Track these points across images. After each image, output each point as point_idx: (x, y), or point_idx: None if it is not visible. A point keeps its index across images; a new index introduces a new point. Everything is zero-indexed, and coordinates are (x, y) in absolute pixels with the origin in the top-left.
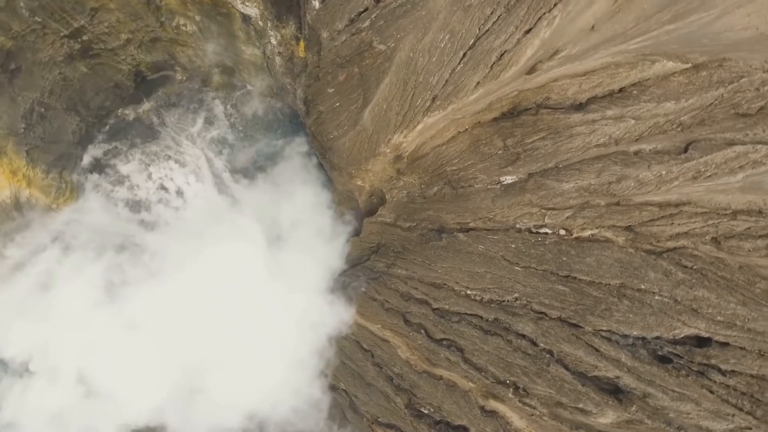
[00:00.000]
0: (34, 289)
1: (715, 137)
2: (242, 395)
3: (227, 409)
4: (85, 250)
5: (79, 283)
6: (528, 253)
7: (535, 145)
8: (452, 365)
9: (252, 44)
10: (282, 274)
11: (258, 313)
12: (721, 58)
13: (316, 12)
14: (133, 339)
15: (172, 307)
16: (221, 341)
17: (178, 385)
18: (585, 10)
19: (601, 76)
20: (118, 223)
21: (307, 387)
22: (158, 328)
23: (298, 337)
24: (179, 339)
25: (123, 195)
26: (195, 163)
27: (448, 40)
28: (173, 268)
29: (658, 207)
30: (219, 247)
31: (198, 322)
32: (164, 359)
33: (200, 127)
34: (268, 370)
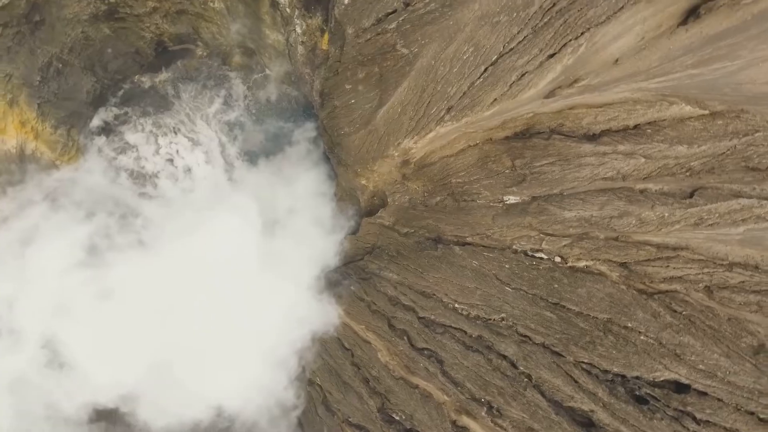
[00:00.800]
0: (13, 244)
1: (722, 187)
2: (215, 387)
3: (197, 399)
4: (76, 210)
5: (61, 242)
6: (521, 276)
7: (543, 169)
8: (430, 376)
9: (277, 30)
10: (273, 262)
11: (244, 300)
12: (740, 109)
13: (345, 7)
14: (109, 310)
15: (155, 282)
16: (201, 326)
17: (150, 366)
18: (611, 43)
19: (617, 110)
20: (117, 189)
21: (282, 390)
22: (137, 302)
23: (282, 331)
24: (158, 317)
25: (127, 162)
26: (206, 142)
27: (471, 53)
28: (164, 240)
29: (656, 248)
30: (214, 226)
31: (180, 301)
32: (139, 337)
33: (217, 108)
34: (246, 363)
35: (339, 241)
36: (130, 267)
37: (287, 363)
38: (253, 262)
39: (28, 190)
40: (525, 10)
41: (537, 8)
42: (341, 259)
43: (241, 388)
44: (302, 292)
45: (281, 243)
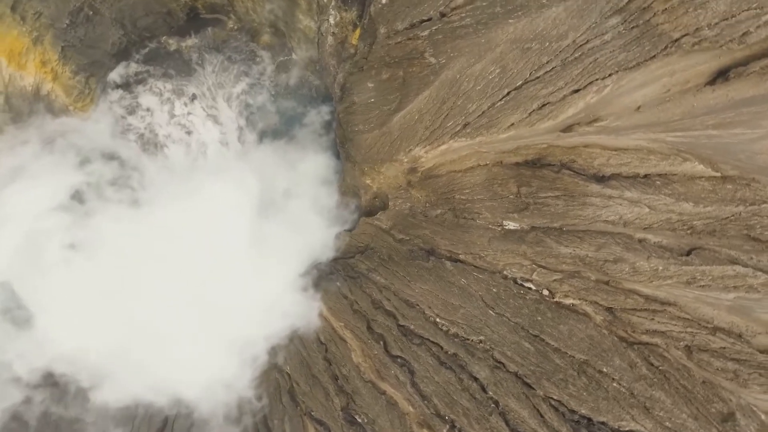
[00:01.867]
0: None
1: (720, 251)
2: (177, 372)
3: (155, 381)
4: (73, 156)
5: (47, 183)
6: (506, 302)
7: (547, 201)
8: (399, 384)
9: (310, 16)
10: (264, 245)
11: (225, 281)
12: (751, 177)
13: (382, 6)
14: (80, 266)
15: (135, 245)
16: (176, 302)
17: (113, 336)
18: (636, 90)
19: (631, 156)
20: (121, 145)
21: (245, 390)
22: (112, 262)
23: (259, 323)
24: (131, 284)
25: (137, 120)
26: (220, 114)
27: (497, 74)
28: (156, 204)
29: (644, 299)
30: (211, 196)
31: (158, 271)
32: (106, 302)
33: (239, 86)
34: (214, 353)
35: (335, 235)
36: (114, 224)
37: (257, 359)
38: (243, 241)
39: (29, 130)
40: (558, 42)
41: (570, 42)
42: (333, 253)
43: (204, 379)
44: (288, 283)
45: (276, 226)
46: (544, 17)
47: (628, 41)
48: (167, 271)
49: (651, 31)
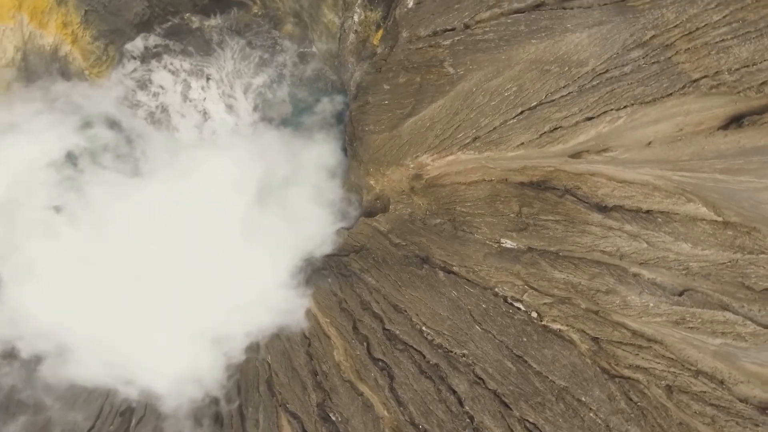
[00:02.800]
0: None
1: (712, 295)
2: (149, 361)
3: (126, 369)
4: (75, 118)
5: (42, 138)
6: (494, 319)
7: (547, 224)
8: (378, 387)
9: (335, 11)
10: (259, 232)
11: (213, 267)
12: (752, 226)
13: (407, 11)
14: (61, 232)
15: (124, 219)
16: (158, 285)
17: (86, 315)
18: (649, 125)
19: (636, 190)
20: (128, 116)
21: (215, 389)
22: (97, 234)
23: (243, 317)
24: (113, 260)
25: (149, 96)
26: (233, 97)
27: (513, 92)
28: (153, 177)
29: (631, 333)
30: (209, 179)
31: (143, 250)
32: (83, 276)
33: (258, 75)
34: (190, 343)
35: (334, 231)
36: (104, 192)
37: (233, 356)
38: (236, 227)
39: (38, 90)
40: (577, 68)
41: (589, 69)
42: (329, 249)
43: (175, 371)
44: (278, 276)
45: (273, 215)
46: (566, 41)
47: (647, 76)
48: (153, 250)
49: (671, 69)
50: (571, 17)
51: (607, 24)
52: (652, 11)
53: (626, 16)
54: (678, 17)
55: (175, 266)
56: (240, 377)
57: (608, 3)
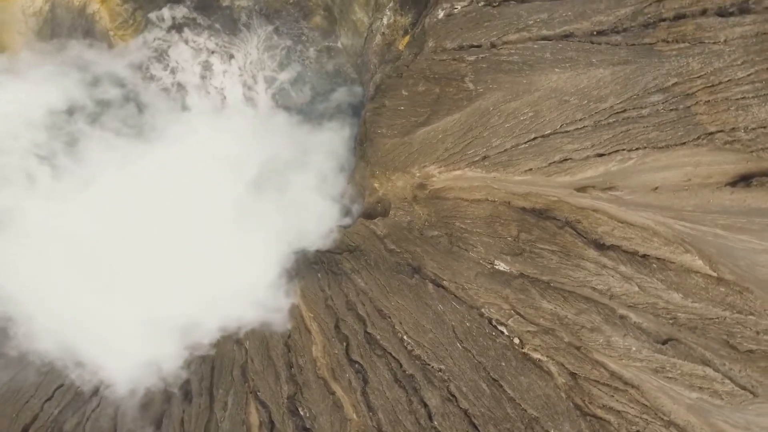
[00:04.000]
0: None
1: (696, 349)
2: (106, 341)
3: (85, 350)
4: (86, 74)
5: (48, 86)
6: (476, 339)
7: (542, 253)
8: (350, 389)
9: (366, 11)
10: (252, 218)
11: (200, 249)
12: (745, 286)
13: (437, 21)
14: (45, 185)
15: (112, 182)
16: (134, 257)
17: (55, 282)
18: (658, 170)
19: (636, 232)
20: (142, 84)
21: (173, 381)
22: (83, 194)
23: (224, 310)
24: (95, 225)
25: (168, 66)
26: (253, 81)
27: (529, 117)
28: (153, 143)
29: (609, 374)
30: (212, 154)
31: (128, 219)
32: (59, 239)
33: (284, 70)
34: (159, 329)
35: (331, 227)
36: (99, 150)
37: (198, 347)
38: (230, 207)
39: (55, 44)
40: (596, 103)
41: (608, 106)
42: (323, 244)
43: (136, 358)
44: (267, 267)
45: (272, 201)
46: (589, 75)
47: (664, 122)
48: (135, 221)
49: (688, 118)
50: (597, 52)
51: (632, 64)
52: (678, 59)
53: (652, 60)
54: (703, 68)
55: (156, 243)
56: (215, 357)
57: (636, 44)
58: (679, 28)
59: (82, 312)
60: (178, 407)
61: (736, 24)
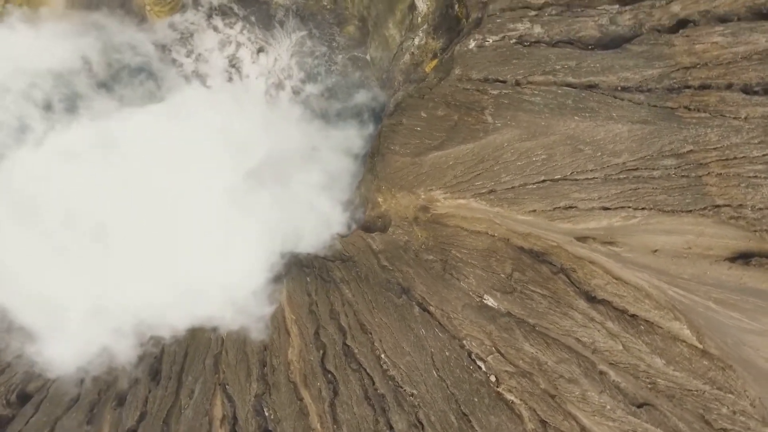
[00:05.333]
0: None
1: (670, 418)
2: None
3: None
4: (105, 40)
5: (65, 44)
6: (452, 370)
7: (533, 295)
8: (319, 399)
9: (399, 29)
10: (247, 210)
11: (182, 233)
12: (729, 364)
13: (467, 50)
14: (37, 127)
15: (113, 147)
16: (109, 229)
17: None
18: (660, 234)
19: (628, 291)
20: (162, 59)
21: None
22: (77, 154)
23: (196, 301)
24: (82, 191)
25: (193, 49)
26: (277, 75)
27: (542, 159)
28: (162, 115)
29: (580, 428)
30: (215, 132)
31: (111, 185)
32: (44, 194)
33: (309, 79)
34: (113, 315)
35: (329, 232)
36: (105, 111)
37: (153, 343)
38: (226, 194)
39: (85, 7)
40: (609, 157)
41: (621, 162)
42: (318, 249)
43: (87, 341)
44: (254, 266)
45: (272, 194)
46: (607, 128)
47: (674, 187)
48: (121, 191)
49: (698, 188)
50: (618, 107)
51: (651, 125)
52: (696, 127)
53: (671, 124)
54: (720, 141)
55: (139, 219)
56: (190, 342)
57: (658, 106)
58: (702, 98)
59: (41, 283)
60: (145, 387)
61: (758, 104)
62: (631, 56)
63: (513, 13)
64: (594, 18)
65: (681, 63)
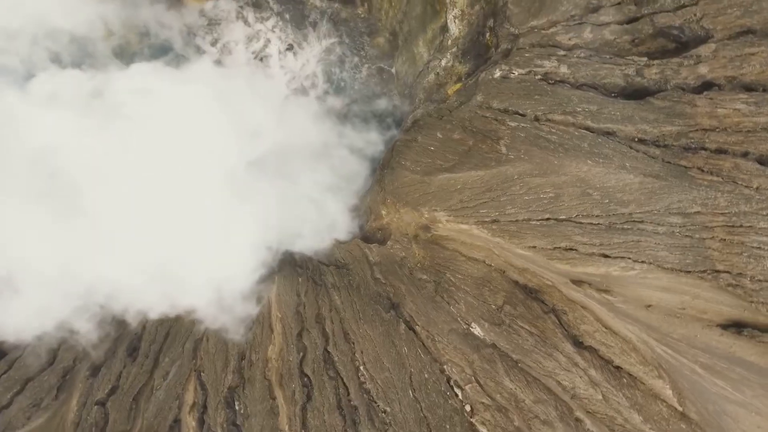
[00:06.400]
0: None
1: None
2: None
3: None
4: (132, 14)
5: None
6: (428, 393)
7: (521, 331)
8: (291, 401)
9: (428, 48)
10: (248, 199)
11: (173, 211)
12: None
13: (492, 79)
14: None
15: (121, 96)
16: (98, 195)
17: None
18: (657, 290)
19: (616, 342)
20: (189, 43)
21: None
22: (82, 110)
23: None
24: (75, 139)
25: (219, 38)
26: (301, 72)
27: (549, 197)
28: (177, 78)
29: None
30: (225, 116)
31: (110, 152)
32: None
33: (339, 99)
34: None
35: (329, 236)
36: (115, 74)
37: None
38: (228, 178)
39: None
40: (617, 205)
41: (627, 212)
42: (313, 250)
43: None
44: (249, 259)
45: (275, 187)
46: (618, 177)
47: (676, 245)
48: (119, 155)
49: (700, 250)
50: (632, 158)
51: (663, 180)
52: (707, 189)
53: (683, 183)
54: (728, 207)
55: (125, 187)
56: (172, 323)
57: (672, 163)
58: (717, 162)
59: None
60: (121, 361)
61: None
62: (653, 110)
63: (542, 50)
64: (621, 67)
65: (701, 124)
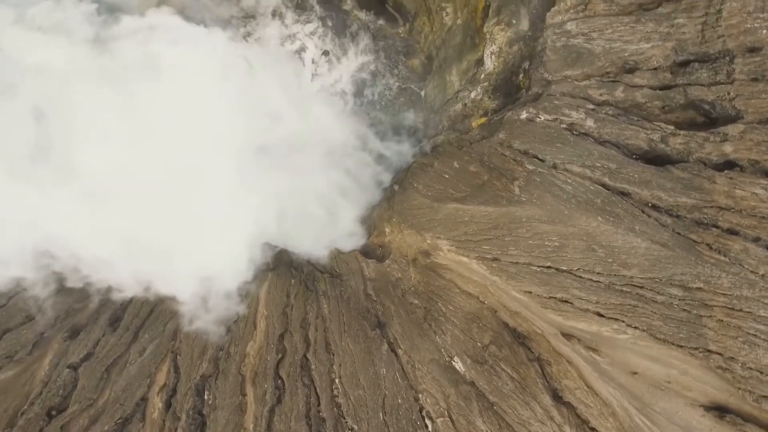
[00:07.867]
0: None
1: None
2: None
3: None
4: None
5: None
6: (399, 419)
7: (502, 374)
8: (261, 401)
9: (461, 78)
10: (252, 190)
11: (172, 186)
12: None
13: (517, 119)
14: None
15: (127, 49)
16: (92, 160)
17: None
18: (645, 358)
19: (596, 403)
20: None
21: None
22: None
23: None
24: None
25: (252, 32)
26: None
27: (554, 246)
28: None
29: None
30: (261, 89)
31: (121, 121)
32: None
33: (368, 113)
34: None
35: (329, 242)
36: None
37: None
38: (236, 163)
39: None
40: (619, 266)
41: (629, 275)
42: (312, 254)
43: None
44: (242, 255)
45: (285, 180)
46: (626, 239)
47: (672, 317)
48: (120, 114)
49: (696, 326)
50: (643, 222)
51: (669, 250)
52: (713, 268)
53: (689, 256)
54: (731, 289)
55: (122, 152)
56: (158, 303)
57: (682, 234)
58: (727, 242)
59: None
60: (101, 329)
61: None
62: (671, 179)
63: (572, 100)
64: (647, 131)
65: (717, 201)
